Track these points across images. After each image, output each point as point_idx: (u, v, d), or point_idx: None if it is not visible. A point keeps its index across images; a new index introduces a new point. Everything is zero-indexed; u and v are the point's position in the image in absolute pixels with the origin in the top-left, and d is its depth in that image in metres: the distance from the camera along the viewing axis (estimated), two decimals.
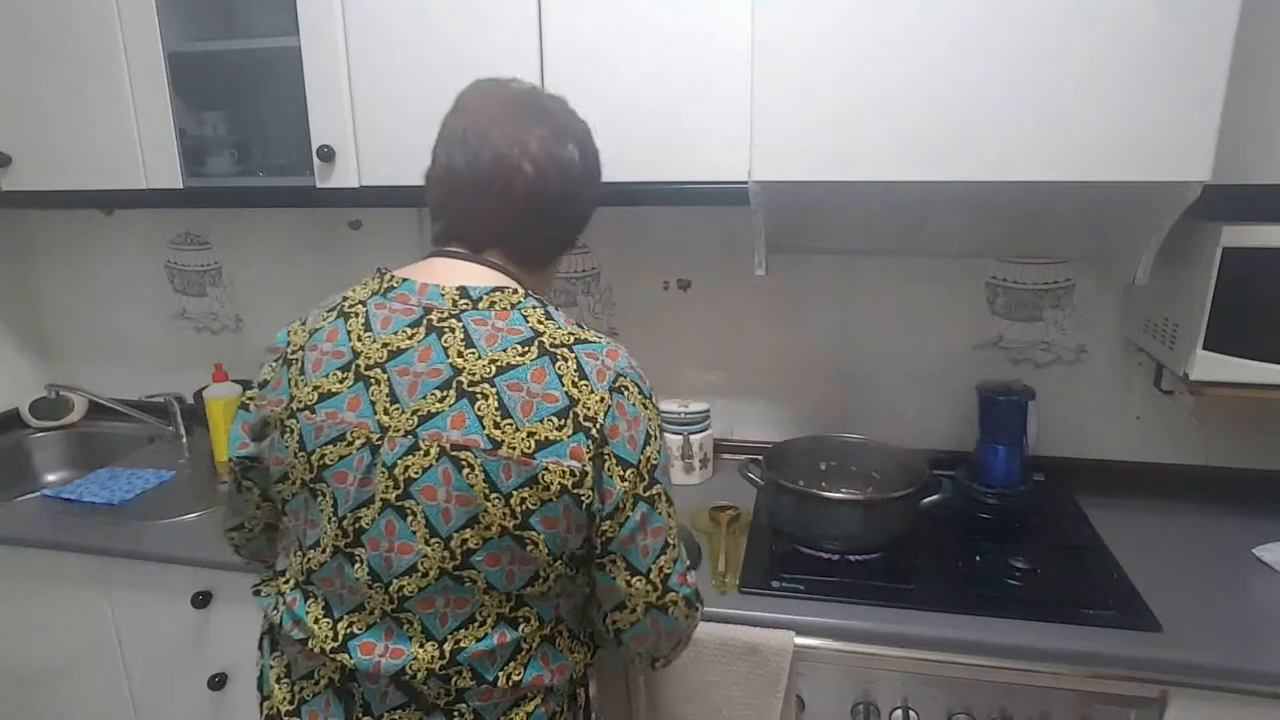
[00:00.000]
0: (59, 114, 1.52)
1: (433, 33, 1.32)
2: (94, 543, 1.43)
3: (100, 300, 2.01)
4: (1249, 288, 1.16)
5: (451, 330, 0.81)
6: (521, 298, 0.85)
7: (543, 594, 0.84)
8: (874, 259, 1.58)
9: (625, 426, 0.80)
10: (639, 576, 0.82)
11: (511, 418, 0.77)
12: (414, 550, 0.80)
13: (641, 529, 0.81)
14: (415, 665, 0.82)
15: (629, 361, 0.84)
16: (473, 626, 0.82)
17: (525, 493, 0.77)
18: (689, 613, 0.87)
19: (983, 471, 1.47)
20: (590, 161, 0.94)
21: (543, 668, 0.86)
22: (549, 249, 0.95)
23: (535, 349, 0.80)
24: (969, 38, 1.05)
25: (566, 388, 0.79)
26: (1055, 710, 1.10)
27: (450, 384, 0.79)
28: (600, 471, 0.79)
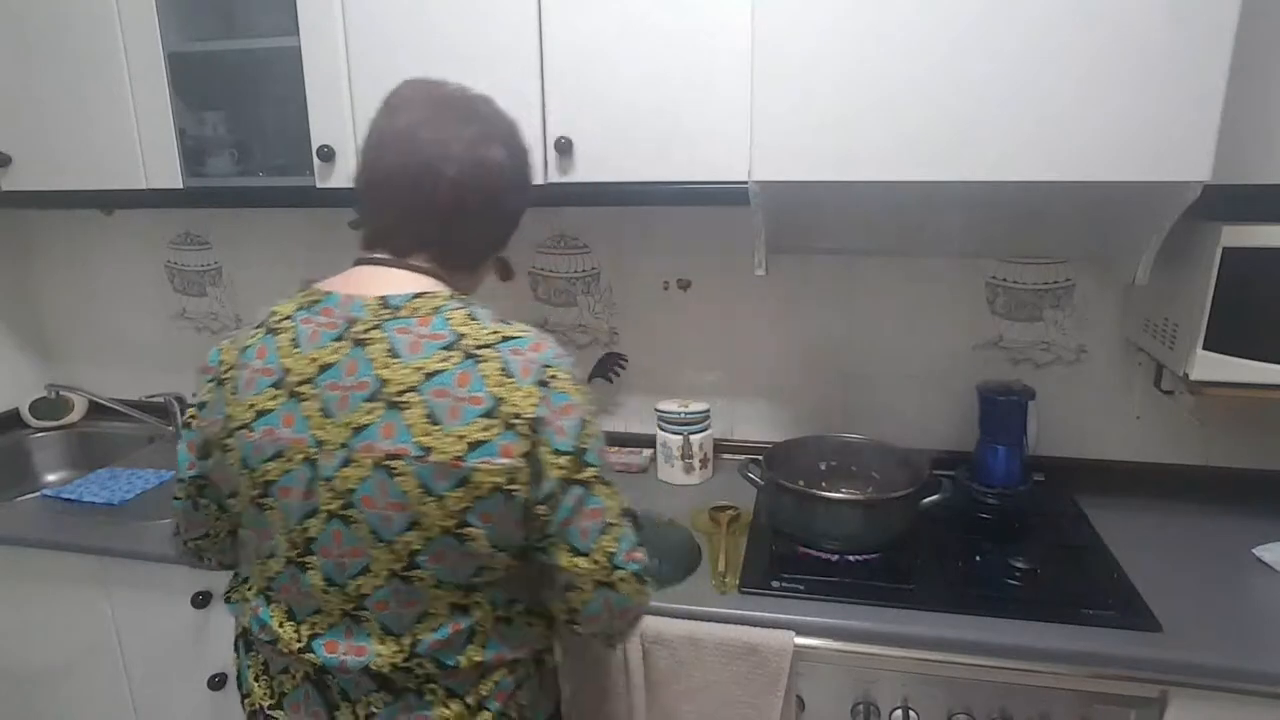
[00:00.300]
0: (59, 114, 1.52)
1: (433, 33, 1.32)
2: (94, 543, 1.43)
3: (100, 300, 2.01)
4: (1249, 288, 1.16)
5: (375, 341, 0.83)
6: (444, 300, 0.86)
7: (493, 582, 0.87)
8: (874, 259, 1.58)
9: (555, 416, 0.82)
10: (583, 557, 0.84)
11: (440, 424, 0.79)
12: (364, 554, 0.83)
13: (578, 511, 0.83)
14: (379, 661, 0.85)
15: (555, 352, 0.86)
16: (427, 620, 0.85)
17: (459, 494, 0.79)
18: (639, 588, 0.88)
19: (983, 471, 1.47)
20: (518, 162, 0.93)
21: (502, 645, 0.89)
22: (477, 251, 0.95)
23: (459, 353, 0.81)
24: (969, 38, 1.05)
25: (491, 388, 0.80)
26: (1055, 710, 1.10)
27: (377, 395, 0.81)
28: (535, 464, 0.81)
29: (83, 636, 1.52)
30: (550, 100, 1.31)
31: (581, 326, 1.77)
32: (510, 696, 0.91)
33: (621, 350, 1.74)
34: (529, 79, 1.30)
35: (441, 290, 0.87)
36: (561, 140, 1.30)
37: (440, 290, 0.87)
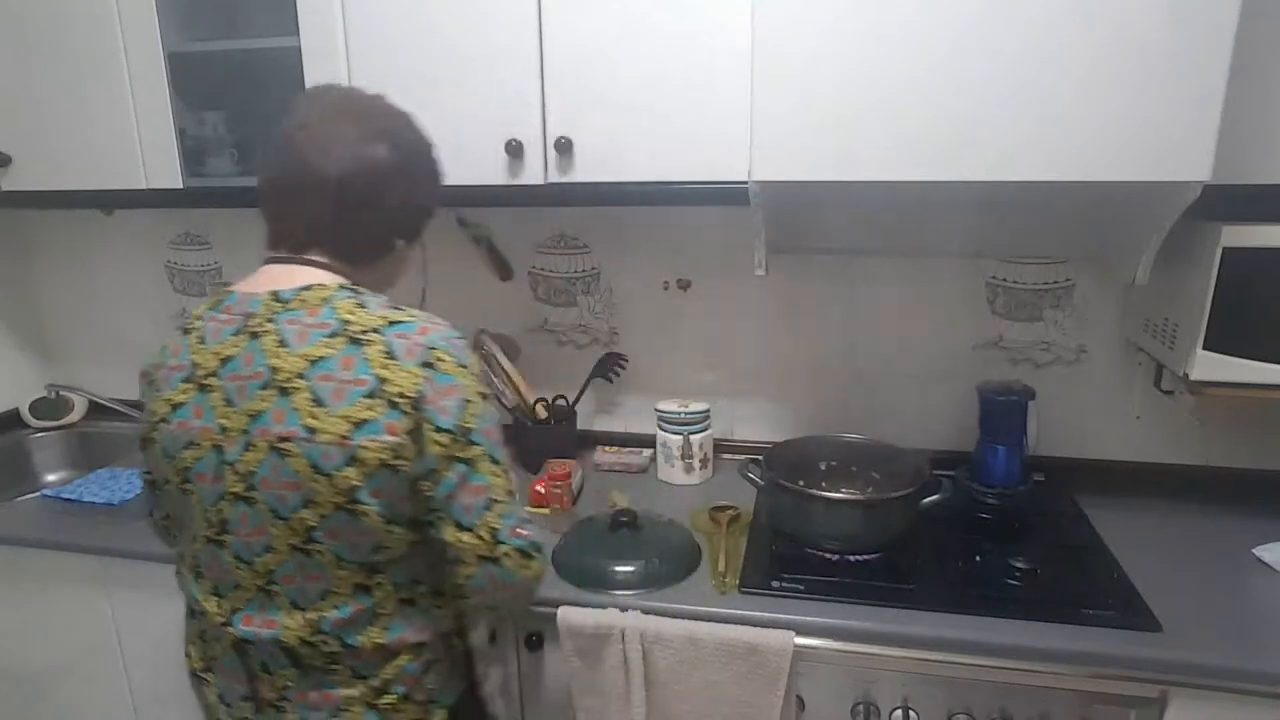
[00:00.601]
0: (59, 114, 1.52)
1: (432, 33, 1.32)
2: (94, 543, 1.43)
3: (100, 300, 2.01)
4: (1249, 288, 1.16)
5: (268, 333, 0.89)
6: (333, 292, 0.91)
7: (394, 559, 0.92)
8: (874, 259, 1.58)
9: (438, 396, 0.87)
10: (466, 532, 0.89)
11: (325, 406, 0.85)
12: (266, 532, 0.90)
13: (461, 488, 0.88)
14: (288, 634, 0.92)
15: (444, 336, 0.91)
16: (331, 597, 0.92)
17: (349, 471, 0.85)
18: (524, 563, 0.92)
19: (983, 471, 1.47)
20: (403, 157, 0.96)
21: (405, 627, 0.95)
22: (371, 244, 0.98)
23: (343, 339, 0.87)
24: (969, 38, 1.05)
25: (375, 370, 0.86)
26: (1055, 710, 1.10)
27: (270, 383, 0.88)
28: (419, 441, 0.86)
29: (83, 636, 1.52)
30: (550, 100, 1.31)
31: (581, 326, 1.77)
32: (416, 680, 0.97)
33: (621, 350, 1.74)
34: (529, 79, 1.30)
35: (333, 282, 0.93)
36: (561, 140, 1.31)
37: (332, 282, 0.93)
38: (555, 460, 1.57)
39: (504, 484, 0.91)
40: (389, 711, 0.96)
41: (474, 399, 0.89)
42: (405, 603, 0.95)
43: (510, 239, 1.73)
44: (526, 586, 0.95)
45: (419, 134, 1.01)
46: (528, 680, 1.29)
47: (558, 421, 1.68)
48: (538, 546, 0.94)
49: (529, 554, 0.93)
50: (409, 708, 0.97)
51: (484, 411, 0.90)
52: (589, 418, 1.78)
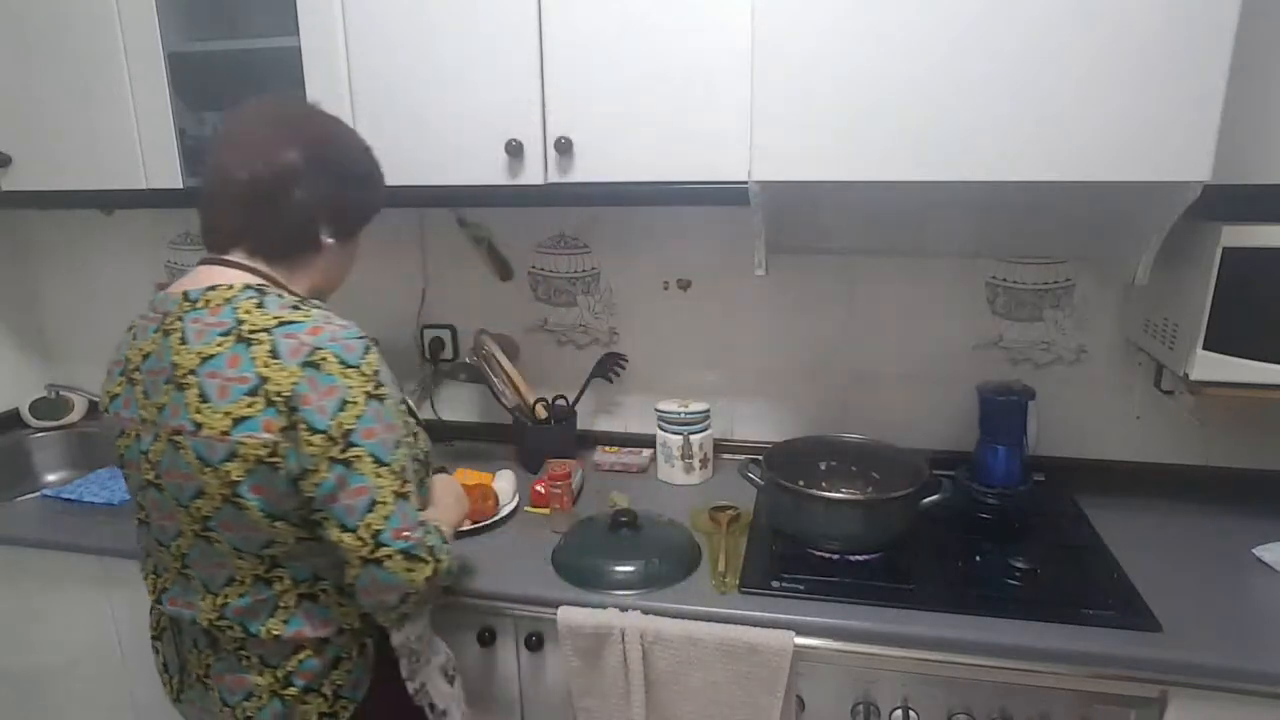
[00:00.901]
0: (59, 114, 1.52)
1: (432, 33, 1.32)
2: (94, 543, 1.43)
3: (100, 300, 2.01)
4: (1249, 288, 1.16)
5: (175, 331, 0.95)
6: (238, 292, 0.95)
7: (290, 554, 0.95)
8: (874, 259, 1.58)
9: (317, 396, 0.88)
10: (348, 533, 0.90)
11: (209, 402, 0.90)
12: (174, 518, 0.96)
13: (341, 489, 0.89)
14: (201, 616, 0.99)
15: (333, 336, 0.92)
16: (235, 585, 0.97)
17: (230, 465, 0.89)
18: (409, 565, 0.92)
19: (983, 471, 1.47)
20: (318, 159, 0.99)
21: (304, 622, 0.98)
22: (291, 243, 1.01)
23: (233, 338, 0.91)
24: (969, 38, 1.05)
25: (258, 368, 0.89)
26: (1055, 710, 1.10)
27: (170, 378, 0.93)
28: (294, 440, 0.89)
29: (83, 636, 1.52)
30: (550, 100, 1.31)
31: (581, 326, 1.77)
32: (317, 676, 1.00)
33: (621, 350, 1.74)
34: (529, 79, 1.30)
35: (240, 282, 0.96)
36: (561, 140, 1.31)
37: (239, 282, 0.96)
38: (555, 460, 1.57)
39: (390, 485, 0.91)
40: (294, 703, 1.00)
41: (356, 400, 0.90)
42: (306, 598, 0.98)
43: (510, 239, 1.73)
44: (416, 589, 0.94)
45: (343, 138, 1.05)
46: (528, 680, 1.29)
47: (558, 421, 1.68)
48: (431, 549, 0.94)
49: (415, 556, 0.92)
50: (315, 700, 1.00)
51: (368, 413, 0.90)
52: (589, 418, 1.78)
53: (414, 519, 0.94)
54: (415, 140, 1.37)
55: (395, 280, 1.80)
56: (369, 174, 1.09)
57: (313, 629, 0.98)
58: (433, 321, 1.82)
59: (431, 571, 0.94)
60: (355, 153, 1.07)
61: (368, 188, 1.08)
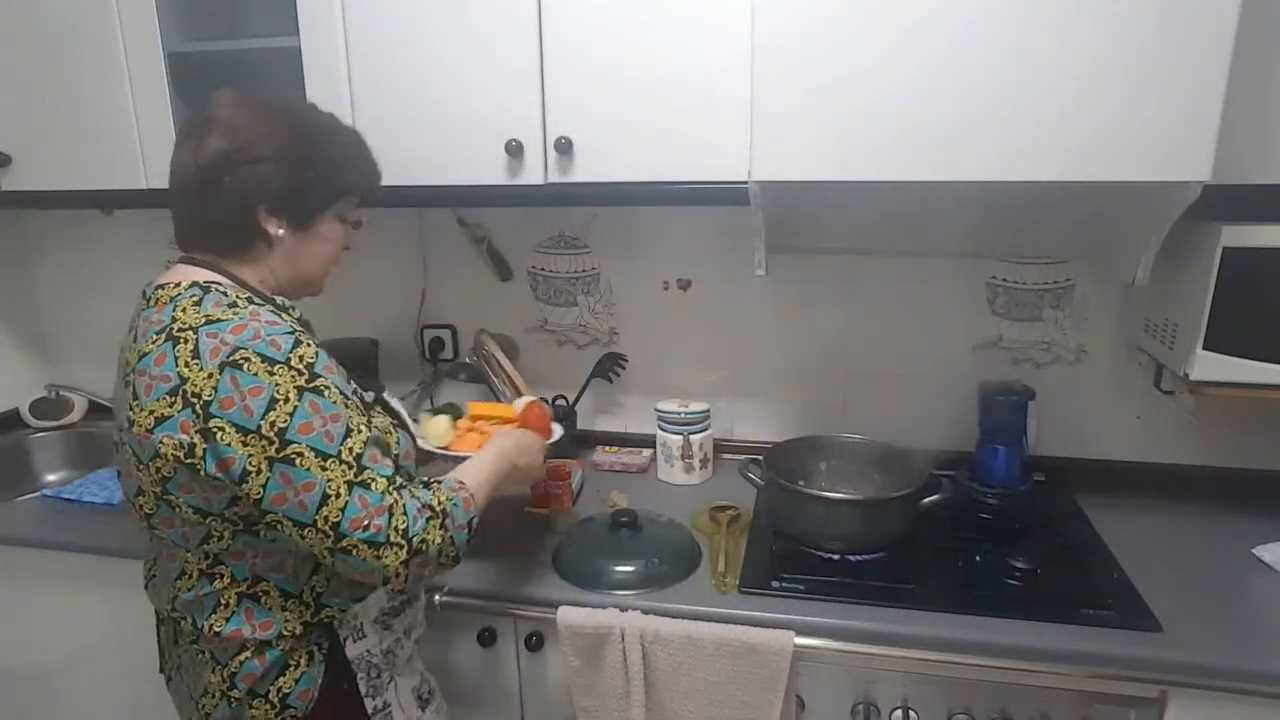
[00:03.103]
0: (59, 114, 1.52)
1: (433, 33, 1.32)
2: (94, 543, 1.43)
3: (100, 300, 2.01)
4: (1249, 288, 1.16)
5: (134, 329, 0.96)
6: (183, 290, 0.94)
7: (229, 551, 0.94)
8: (874, 259, 1.58)
9: (240, 397, 0.86)
10: (307, 528, 0.88)
11: (139, 399, 0.89)
12: (133, 509, 0.98)
13: (289, 487, 0.87)
14: (161, 606, 1.02)
15: (255, 333, 0.89)
16: (184, 578, 0.97)
17: (157, 463, 0.89)
18: (379, 553, 0.89)
19: (983, 471, 1.47)
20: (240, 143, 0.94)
21: (244, 621, 0.96)
22: (231, 239, 0.98)
23: (163, 336, 0.90)
24: (969, 37, 1.05)
25: (179, 368, 0.88)
26: (1055, 710, 1.10)
27: (122, 375, 0.95)
28: (213, 442, 0.86)
29: (83, 636, 1.52)
30: (550, 100, 1.31)
31: (581, 326, 1.77)
32: (261, 680, 0.98)
33: (621, 350, 1.74)
34: (529, 79, 1.30)
35: (187, 280, 0.96)
36: (561, 140, 1.31)
37: (186, 280, 0.96)
38: (555, 460, 1.57)
39: (340, 475, 0.88)
40: (239, 706, 0.98)
41: (286, 397, 0.87)
42: (247, 597, 0.96)
43: (510, 239, 1.73)
44: (395, 573, 0.90)
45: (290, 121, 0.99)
46: (528, 681, 1.29)
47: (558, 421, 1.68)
48: (403, 531, 0.89)
49: (382, 543, 0.88)
50: (261, 706, 0.98)
51: (303, 407, 0.87)
52: (589, 418, 1.78)
53: (376, 504, 0.89)
54: (415, 140, 1.37)
55: (395, 280, 1.80)
56: (328, 157, 1.00)
57: (251, 629, 0.96)
58: (433, 321, 1.82)
59: (407, 554, 0.89)
60: (306, 135, 0.99)
61: (326, 171, 1.00)
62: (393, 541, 0.89)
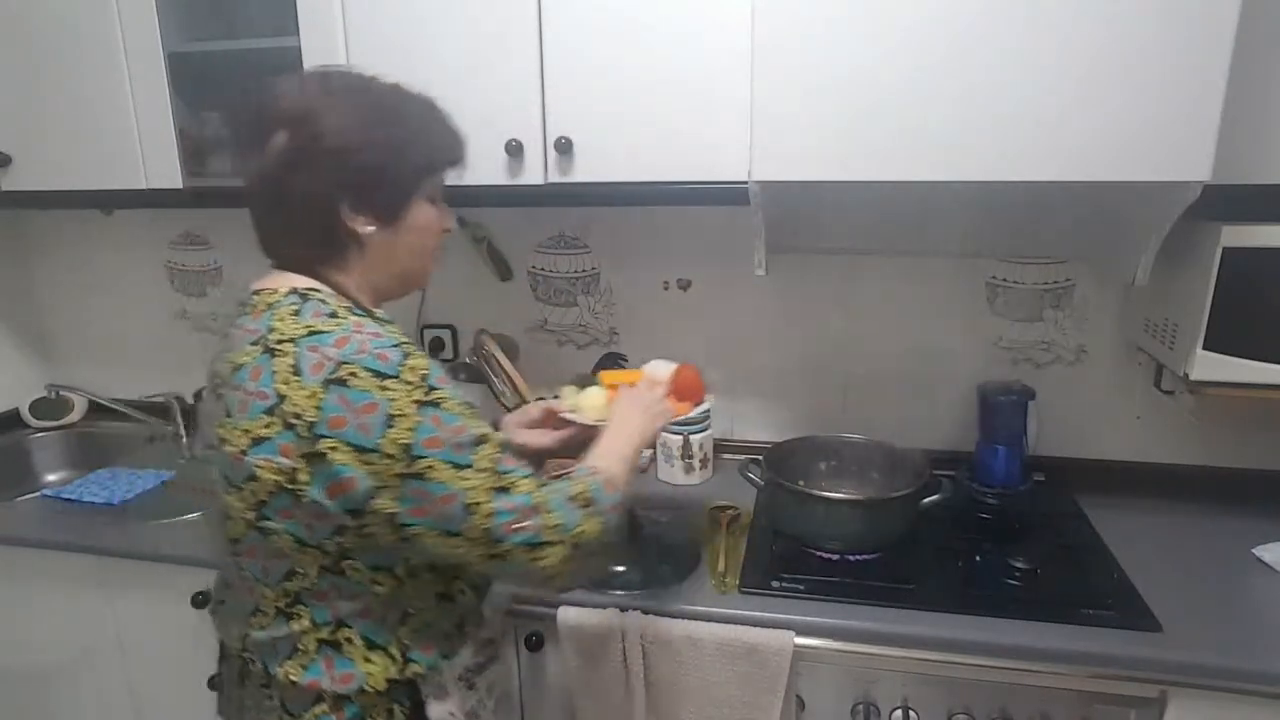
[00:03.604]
0: (59, 114, 1.52)
1: (432, 33, 1.32)
2: (94, 543, 1.43)
3: (100, 300, 2.01)
4: (1249, 288, 1.16)
5: (227, 336, 0.89)
6: (281, 296, 0.86)
7: (311, 590, 0.86)
8: (874, 259, 1.58)
9: (352, 415, 0.78)
10: (455, 538, 0.82)
11: (232, 416, 0.82)
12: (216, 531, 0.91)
13: (425, 501, 0.80)
14: (232, 641, 0.93)
15: (360, 347, 0.80)
16: (259, 615, 0.89)
17: (252, 486, 0.81)
18: (535, 555, 0.84)
19: (983, 471, 1.47)
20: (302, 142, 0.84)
21: (324, 672, 0.87)
22: (316, 244, 0.89)
23: (260, 347, 0.82)
24: (969, 37, 1.05)
25: (277, 385, 0.79)
26: (1055, 710, 1.10)
27: (213, 387, 0.88)
28: (322, 464, 0.78)
29: (83, 636, 1.52)
30: (550, 100, 1.31)
31: (581, 326, 1.77)
32: None
33: (621, 350, 1.73)
34: (529, 79, 1.30)
35: (287, 286, 0.87)
36: (561, 140, 1.30)
37: (285, 286, 0.87)
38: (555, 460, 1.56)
39: (481, 483, 0.82)
40: None
41: (404, 411, 0.79)
42: (328, 644, 0.87)
43: (510, 239, 1.73)
44: (555, 572, 0.86)
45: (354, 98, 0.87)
46: (528, 681, 1.28)
47: None
48: (557, 527, 0.85)
49: (539, 544, 0.84)
50: None
51: (425, 422, 0.80)
52: None
53: (525, 506, 0.84)
54: None
55: None
56: (402, 136, 0.88)
57: (329, 681, 0.86)
58: (433, 321, 1.82)
59: (567, 551, 0.85)
60: (374, 115, 0.87)
61: (402, 153, 0.88)
62: (549, 540, 0.85)
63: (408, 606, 0.89)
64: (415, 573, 0.89)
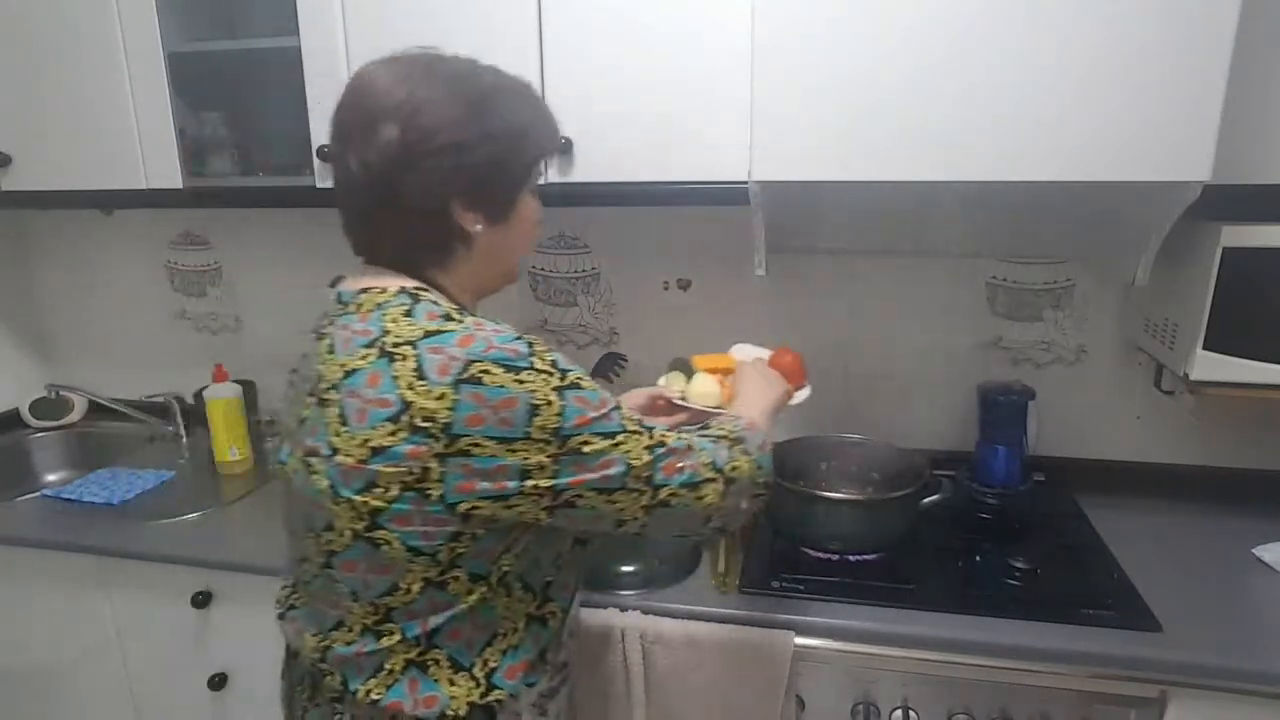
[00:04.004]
0: (59, 114, 1.52)
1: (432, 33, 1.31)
2: (94, 543, 1.43)
3: (100, 300, 2.01)
4: (1249, 288, 1.16)
5: (326, 338, 0.84)
6: (390, 296, 0.82)
7: (406, 607, 0.83)
8: (874, 259, 1.58)
9: (490, 412, 0.75)
10: (618, 493, 0.81)
11: (348, 425, 0.78)
12: (303, 539, 0.86)
13: (586, 471, 0.79)
14: (305, 651, 0.89)
15: (489, 342, 0.78)
16: (343, 629, 0.86)
17: (368, 496, 0.77)
18: (700, 493, 0.85)
19: (983, 471, 1.47)
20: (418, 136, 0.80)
21: (407, 694, 0.84)
22: (415, 247, 0.86)
23: (375, 350, 0.78)
24: (969, 37, 1.05)
25: (401, 390, 0.76)
26: (1055, 710, 1.10)
27: (314, 390, 0.82)
28: (460, 461, 0.76)
29: (83, 636, 1.52)
30: (550, 100, 1.29)
31: (581, 326, 1.77)
32: None
33: (621, 350, 1.73)
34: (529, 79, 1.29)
35: (395, 285, 0.84)
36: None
37: (394, 285, 0.84)
38: None
39: (635, 443, 0.81)
40: None
41: (548, 400, 0.77)
42: (415, 664, 0.84)
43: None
44: (716, 508, 0.86)
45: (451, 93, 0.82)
46: None
47: None
48: (711, 464, 0.85)
49: (698, 482, 0.84)
50: None
51: (566, 406, 0.78)
52: None
53: (679, 448, 0.84)
54: None
55: None
56: (513, 127, 0.85)
57: (413, 705, 0.84)
58: None
59: (723, 485, 0.86)
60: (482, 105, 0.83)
61: (514, 145, 0.85)
62: (706, 478, 0.85)
63: (497, 627, 0.86)
64: (509, 588, 0.86)
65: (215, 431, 1.70)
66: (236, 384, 1.72)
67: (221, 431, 1.69)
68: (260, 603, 1.38)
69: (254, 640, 1.41)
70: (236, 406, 1.69)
